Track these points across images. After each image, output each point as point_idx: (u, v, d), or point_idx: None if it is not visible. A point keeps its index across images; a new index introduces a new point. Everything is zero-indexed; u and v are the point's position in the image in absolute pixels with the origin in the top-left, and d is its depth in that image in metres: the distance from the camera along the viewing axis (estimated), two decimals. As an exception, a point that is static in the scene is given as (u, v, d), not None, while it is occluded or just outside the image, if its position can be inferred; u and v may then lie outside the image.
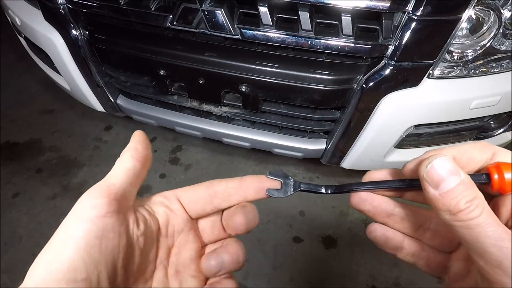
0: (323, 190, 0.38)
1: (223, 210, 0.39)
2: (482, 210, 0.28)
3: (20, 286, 0.27)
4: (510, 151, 0.33)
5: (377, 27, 0.92)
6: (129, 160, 0.34)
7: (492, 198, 0.33)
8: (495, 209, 0.32)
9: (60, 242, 0.28)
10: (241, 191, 0.37)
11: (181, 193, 0.38)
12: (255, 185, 0.37)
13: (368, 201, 0.39)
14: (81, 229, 0.28)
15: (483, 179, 0.32)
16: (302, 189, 0.38)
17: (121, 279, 0.31)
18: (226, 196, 0.37)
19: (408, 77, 0.97)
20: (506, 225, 0.31)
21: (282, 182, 0.38)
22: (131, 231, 0.32)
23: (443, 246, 0.38)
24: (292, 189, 0.38)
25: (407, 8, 0.86)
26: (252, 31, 0.97)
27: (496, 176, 0.31)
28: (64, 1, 1.13)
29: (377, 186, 0.37)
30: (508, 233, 0.28)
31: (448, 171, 0.29)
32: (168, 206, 0.37)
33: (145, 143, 0.35)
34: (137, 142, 0.35)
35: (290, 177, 0.38)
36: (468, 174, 0.31)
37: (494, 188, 0.31)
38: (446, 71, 1.00)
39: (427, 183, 0.30)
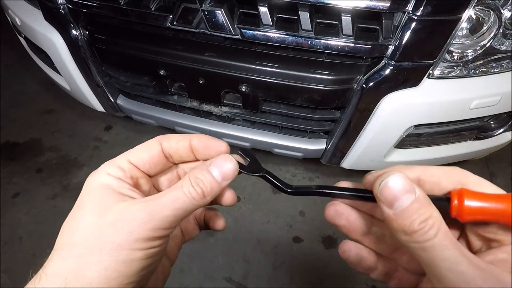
0: (283, 187, 0.37)
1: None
2: (437, 231, 0.27)
3: None
4: (483, 179, 0.31)
5: (377, 27, 0.92)
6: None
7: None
8: (468, 234, 0.31)
9: None
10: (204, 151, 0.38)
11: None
12: (215, 146, 0.37)
13: (344, 215, 0.37)
14: None
15: (442, 203, 0.30)
16: (264, 174, 0.37)
17: None
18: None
19: (408, 77, 0.97)
20: (474, 252, 0.30)
21: (250, 162, 0.38)
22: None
23: (420, 269, 0.36)
24: (255, 171, 0.37)
25: (407, 8, 0.86)
26: (252, 31, 0.97)
27: (455, 202, 0.29)
28: (64, 1, 1.12)
29: (336, 192, 0.35)
30: (465, 256, 0.26)
31: (402, 189, 0.28)
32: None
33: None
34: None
35: (259, 162, 0.38)
36: (429, 195, 0.29)
37: (452, 214, 0.30)
38: (446, 71, 1.00)
39: (382, 202, 0.29)
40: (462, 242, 0.33)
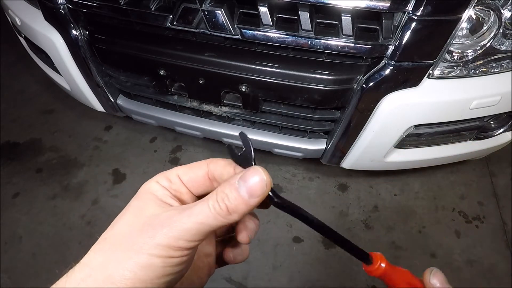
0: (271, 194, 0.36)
1: None
2: None
3: None
4: None
5: (377, 27, 0.92)
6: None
7: None
8: None
9: None
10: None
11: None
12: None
13: None
14: None
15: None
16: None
17: None
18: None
19: (408, 77, 0.97)
20: None
21: (244, 150, 0.36)
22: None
23: None
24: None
25: (407, 8, 0.86)
26: (252, 31, 0.97)
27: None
28: (64, 1, 1.12)
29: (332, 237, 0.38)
30: None
31: None
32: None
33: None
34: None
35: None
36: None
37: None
38: (446, 71, 1.00)
39: None
40: None
